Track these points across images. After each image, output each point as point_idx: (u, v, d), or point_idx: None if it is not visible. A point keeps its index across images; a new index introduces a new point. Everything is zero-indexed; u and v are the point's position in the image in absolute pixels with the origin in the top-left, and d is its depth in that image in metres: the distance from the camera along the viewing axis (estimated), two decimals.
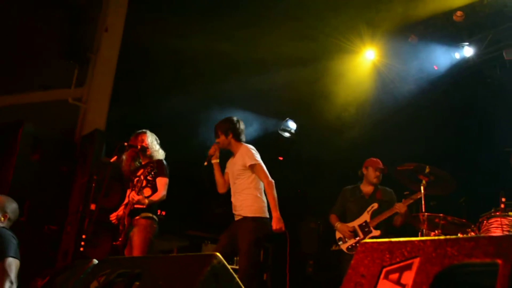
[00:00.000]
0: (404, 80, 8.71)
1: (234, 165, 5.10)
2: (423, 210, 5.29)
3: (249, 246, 4.68)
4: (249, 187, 4.97)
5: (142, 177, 5.07)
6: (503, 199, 4.76)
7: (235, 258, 8.28)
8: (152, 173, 5.03)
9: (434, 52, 8.03)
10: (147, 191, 5.09)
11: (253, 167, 4.96)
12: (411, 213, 6.07)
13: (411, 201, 5.58)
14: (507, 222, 4.57)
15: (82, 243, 6.50)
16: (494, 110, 7.43)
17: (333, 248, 7.83)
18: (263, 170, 4.94)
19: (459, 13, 7.50)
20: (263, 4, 7.79)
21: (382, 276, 1.44)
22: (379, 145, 8.27)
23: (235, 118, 5.25)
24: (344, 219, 6.08)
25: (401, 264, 1.41)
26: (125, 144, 5.33)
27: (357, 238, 5.83)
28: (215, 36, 7.90)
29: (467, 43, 7.92)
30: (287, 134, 9.47)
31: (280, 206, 4.82)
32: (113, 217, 5.27)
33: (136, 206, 5.03)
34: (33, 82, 7.83)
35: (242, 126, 5.23)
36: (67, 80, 8.02)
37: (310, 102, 9.03)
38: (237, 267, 8.97)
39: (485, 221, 4.76)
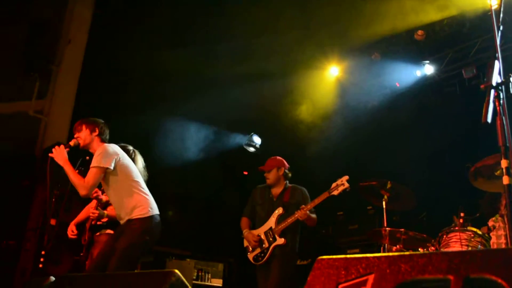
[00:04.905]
0: (367, 96, 8.85)
1: None
2: (385, 225, 5.35)
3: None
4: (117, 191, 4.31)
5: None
6: (462, 214, 4.84)
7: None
8: None
9: (396, 69, 8.22)
10: (110, 209, 4.98)
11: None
12: (374, 227, 6.12)
13: (311, 206, 5.15)
14: (465, 237, 4.65)
15: (41, 259, 6.32)
16: (454, 127, 7.60)
17: (298, 263, 7.84)
18: (92, 175, 4.14)
19: (420, 32, 7.70)
20: (230, 21, 7.82)
21: None
22: (342, 160, 8.36)
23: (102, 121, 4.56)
24: (254, 223, 5.56)
25: (356, 280, 1.42)
26: (87, 158, 5.23)
27: (263, 247, 5.30)
28: (182, 51, 7.89)
29: (428, 61, 8.14)
30: (252, 149, 9.49)
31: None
32: (70, 232, 5.14)
33: (97, 222, 4.94)
34: None
35: (107, 131, 4.53)
36: (28, 92, 7.86)
37: (276, 117, 9.08)
38: (213, 284, 8.94)
39: (444, 236, 4.83)
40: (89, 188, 4.14)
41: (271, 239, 5.26)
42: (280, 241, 5.18)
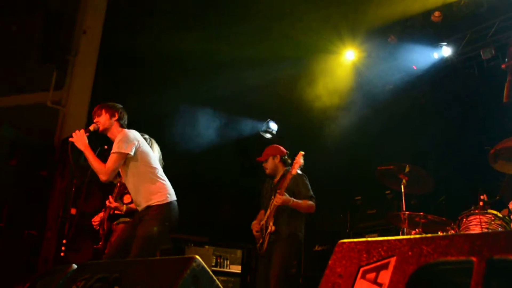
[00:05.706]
0: (383, 80, 8.77)
1: None
2: (404, 209, 5.33)
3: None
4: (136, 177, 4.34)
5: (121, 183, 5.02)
6: (482, 197, 4.80)
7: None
8: None
9: (413, 52, 8.10)
10: (127, 198, 5.03)
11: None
12: (392, 211, 6.08)
13: (283, 190, 5.01)
14: (485, 220, 4.61)
15: (63, 248, 6.43)
16: (472, 109, 7.51)
17: (316, 248, 7.86)
18: (112, 161, 4.18)
19: (437, 13, 7.58)
20: (245, 4, 7.78)
21: (359, 275, 1.44)
22: (359, 145, 8.32)
23: (121, 106, 4.56)
24: None
25: (378, 263, 1.41)
26: (105, 147, 5.26)
27: (263, 236, 5.24)
28: (197, 37, 7.87)
29: (445, 43, 8.02)
30: (268, 135, 9.46)
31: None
32: (95, 222, 5.23)
33: (115, 211, 4.99)
34: (10, 85, 7.74)
35: (126, 116, 4.53)
36: (45, 83, 7.93)
37: (291, 103, 9.05)
38: (232, 270, 9.00)
39: (464, 219, 4.80)
40: (110, 174, 4.18)
41: (267, 226, 5.20)
42: (271, 228, 5.10)
